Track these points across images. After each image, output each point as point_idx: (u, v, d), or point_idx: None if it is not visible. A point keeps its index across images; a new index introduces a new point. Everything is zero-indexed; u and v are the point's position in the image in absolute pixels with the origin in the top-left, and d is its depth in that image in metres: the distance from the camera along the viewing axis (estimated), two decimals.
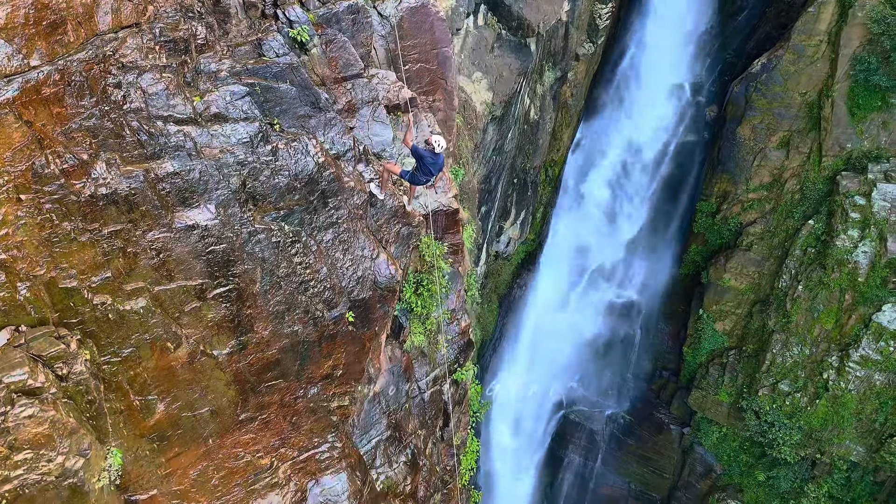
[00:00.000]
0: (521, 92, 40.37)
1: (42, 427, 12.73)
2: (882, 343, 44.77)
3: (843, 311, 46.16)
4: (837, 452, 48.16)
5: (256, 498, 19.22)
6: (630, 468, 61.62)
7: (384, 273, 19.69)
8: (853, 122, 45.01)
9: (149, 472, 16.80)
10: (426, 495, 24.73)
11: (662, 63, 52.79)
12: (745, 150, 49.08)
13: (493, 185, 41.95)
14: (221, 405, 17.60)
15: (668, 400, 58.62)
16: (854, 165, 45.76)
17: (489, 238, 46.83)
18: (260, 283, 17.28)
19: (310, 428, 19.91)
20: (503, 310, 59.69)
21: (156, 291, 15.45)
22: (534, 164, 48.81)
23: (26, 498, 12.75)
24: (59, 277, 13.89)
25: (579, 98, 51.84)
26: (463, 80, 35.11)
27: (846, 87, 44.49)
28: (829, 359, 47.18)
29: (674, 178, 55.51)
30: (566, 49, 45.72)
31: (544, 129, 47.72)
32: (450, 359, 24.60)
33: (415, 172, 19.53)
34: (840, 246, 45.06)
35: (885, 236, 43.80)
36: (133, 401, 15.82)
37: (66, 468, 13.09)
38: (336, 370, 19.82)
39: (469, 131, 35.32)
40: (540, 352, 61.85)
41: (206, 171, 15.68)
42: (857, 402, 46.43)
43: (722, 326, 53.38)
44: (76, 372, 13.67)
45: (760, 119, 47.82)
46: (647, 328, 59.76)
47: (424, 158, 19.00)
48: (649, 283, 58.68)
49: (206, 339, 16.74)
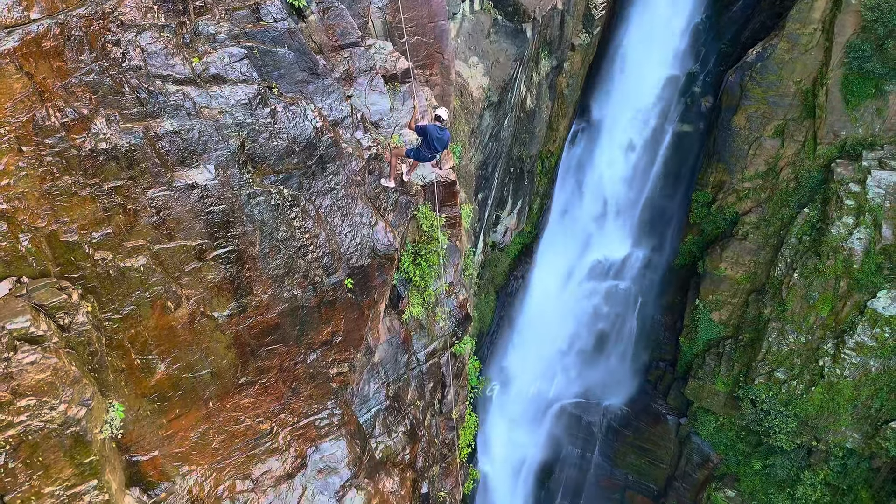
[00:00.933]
0: (518, 78, 40.54)
1: (44, 374, 12.84)
2: (877, 329, 44.96)
3: (839, 298, 46.35)
4: (833, 439, 48.35)
5: (257, 463, 19.34)
6: (627, 459, 61.83)
7: (382, 241, 19.82)
8: (847, 110, 45.23)
9: (150, 433, 16.91)
10: (425, 466, 24.87)
11: (657, 54, 53.01)
12: (741, 140, 49.27)
13: (490, 173, 42.09)
14: (221, 368, 17.72)
15: (664, 391, 58.83)
16: (848, 153, 45.98)
17: (486, 227, 46.97)
18: (259, 245, 17.40)
19: (309, 394, 20.03)
20: (500, 302, 59.80)
21: (156, 250, 15.57)
22: (530, 153, 48.96)
23: (30, 444, 12.86)
24: (60, 231, 14.01)
25: (575, 88, 52.03)
26: (460, 65, 35.28)
27: (840, 75, 44.71)
28: (825, 346, 47.37)
29: (669, 169, 55.70)
30: (562, 37, 45.92)
31: (540, 117, 47.90)
32: (448, 332, 24.74)
33: (419, 149, 19.83)
34: (835, 233, 45.27)
35: (880, 223, 44.01)
36: (134, 360, 15.94)
37: (68, 416, 13.19)
38: (335, 337, 19.93)
39: (466, 115, 35.49)
40: (537, 344, 61.96)
41: (206, 131, 15.81)
42: (853, 388, 46.64)
43: (718, 316, 53.57)
44: (78, 322, 13.78)
45: (755, 108, 48.01)
46: (644, 320, 59.94)
47: (430, 134, 19.29)
48: (646, 274, 58.86)
49: (206, 301, 16.85)
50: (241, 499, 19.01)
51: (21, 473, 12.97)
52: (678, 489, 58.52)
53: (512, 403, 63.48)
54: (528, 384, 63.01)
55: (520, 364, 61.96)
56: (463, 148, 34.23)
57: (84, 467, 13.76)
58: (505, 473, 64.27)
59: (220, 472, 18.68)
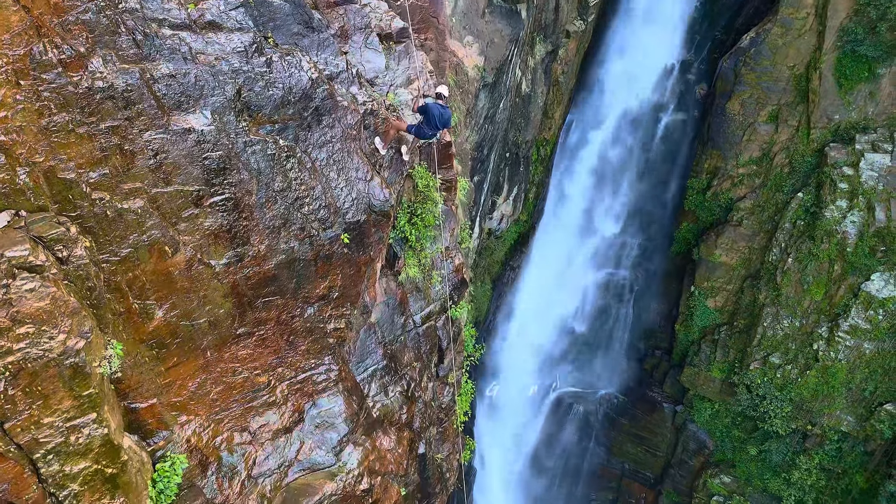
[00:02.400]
0: (513, 60, 40.71)
1: (43, 302, 12.96)
2: (871, 312, 45.18)
3: (833, 281, 46.56)
4: (828, 423, 48.51)
5: (254, 415, 19.47)
6: (624, 448, 61.97)
7: (378, 196, 20.00)
8: (841, 94, 45.48)
9: (148, 381, 17.02)
10: (422, 427, 25.01)
11: (652, 42, 53.23)
12: (735, 125, 49.50)
13: (486, 155, 42.24)
14: (219, 317, 17.85)
15: (660, 379, 59.02)
16: (842, 136, 46.20)
17: (482, 212, 47.10)
18: (256, 195, 17.57)
19: (306, 349, 20.17)
20: (496, 293, 59.94)
21: (153, 193, 15.71)
22: (526, 139, 49.14)
23: (29, 372, 12.98)
24: (57, 168, 14.13)
25: (570, 76, 52.22)
26: (455, 45, 35.39)
27: (833, 59, 44.96)
28: (819, 330, 47.57)
29: (664, 157, 55.96)
30: (556, 22, 46.14)
31: (536, 103, 48.09)
32: (444, 295, 24.92)
33: (421, 126, 20.25)
34: (829, 217, 45.49)
35: (873, 205, 44.25)
36: (132, 304, 16.06)
37: (67, 346, 13.32)
38: (332, 292, 20.10)
39: (462, 95, 35.63)
40: (533, 334, 62.14)
41: (202, 76, 15.98)
42: (847, 371, 46.83)
43: (713, 303, 53.74)
44: (76, 255, 13.91)
45: (749, 93, 48.25)
46: (640, 308, 60.16)
47: (431, 111, 19.85)
48: (641, 263, 59.09)
49: (204, 248, 17.00)
50: (240, 451, 19.14)
51: (20, 401, 13.09)
52: (674, 477, 58.68)
53: (507, 394, 63.63)
54: (524, 374, 63.16)
55: (516, 353, 62.10)
56: (459, 127, 34.39)
57: (83, 400, 13.88)
58: (501, 464, 64.39)
59: (218, 424, 18.81)
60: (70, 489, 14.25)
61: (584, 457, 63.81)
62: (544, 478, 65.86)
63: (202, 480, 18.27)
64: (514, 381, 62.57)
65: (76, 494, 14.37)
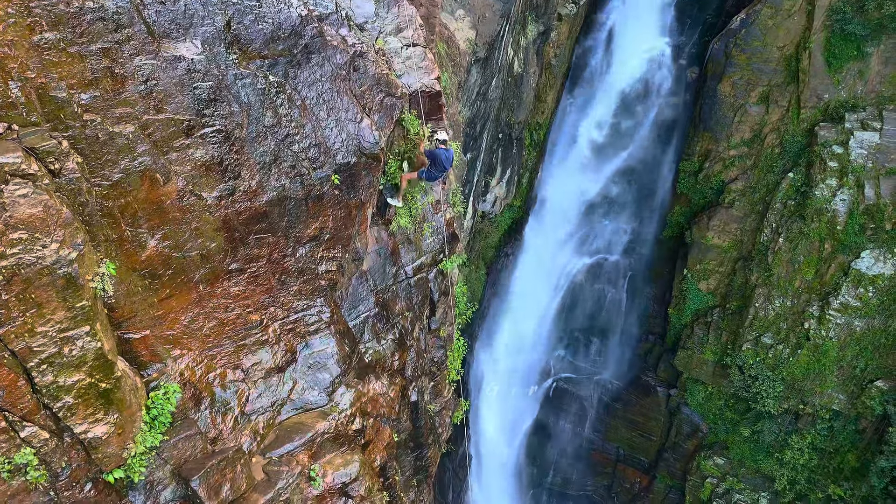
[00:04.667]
0: (504, 37, 41.06)
1: (36, 209, 13.20)
2: (861, 289, 45.52)
3: (823, 260, 46.90)
4: (820, 402, 48.80)
5: (247, 353, 19.70)
6: (619, 433, 62.22)
7: (368, 138, 20.25)
8: (830, 73, 45.89)
9: (142, 311, 17.25)
10: (414, 375, 25.26)
11: (643, 27, 53.69)
12: (726, 107, 49.88)
13: (479, 133, 42.55)
14: (211, 251, 18.09)
15: (654, 363, 59.34)
16: (832, 116, 46.60)
17: (476, 192, 47.39)
18: (246, 129, 17.83)
19: (298, 289, 20.41)
20: (491, 279, 60.20)
21: (144, 120, 15.95)
22: (518, 119, 49.45)
23: (23, 278, 13.21)
24: (49, 86, 14.36)
25: (563, 59, 52.57)
26: (446, 17, 35.79)
27: (823, 38, 45.38)
28: (810, 308, 47.90)
29: (657, 141, 56.30)
30: (548, 2, 46.53)
31: (528, 83, 48.42)
32: (435, 248, 25.18)
33: (429, 170, 22.63)
34: (819, 195, 45.85)
35: (863, 183, 44.62)
36: (125, 231, 16.29)
37: (60, 255, 13.55)
38: (323, 233, 20.34)
39: (454, 68, 35.95)
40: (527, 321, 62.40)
41: (192, 4, 16.24)
42: (838, 349, 47.17)
43: (706, 286, 54.05)
44: (69, 169, 14.15)
45: (740, 75, 48.63)
46: (633, 293, 60.44)
47: (439, 157, 22.30)
48: (635, 248, 59.38)
49: (195, 180, 17.25)
50: (232, 387, 19.37)
51: (14, 308, 13.32)
52: (668, 460, 58.93)
53: (503, 381, 63.85)
54: (518, 360, 63.39)
55: (510, 340, 62.34)
56: (450, 98, 34.68)
57: (76, 312, 14.11)
58: (495, 451, 64.55)
59: (211, 360, 19.05)
60: (64, 401, 14.47)
61: (579, 443, 64.05)
62: (539, 465, 66.06)
63: (196, 414, 18.51)
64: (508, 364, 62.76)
65: (70, 407, 14.59)
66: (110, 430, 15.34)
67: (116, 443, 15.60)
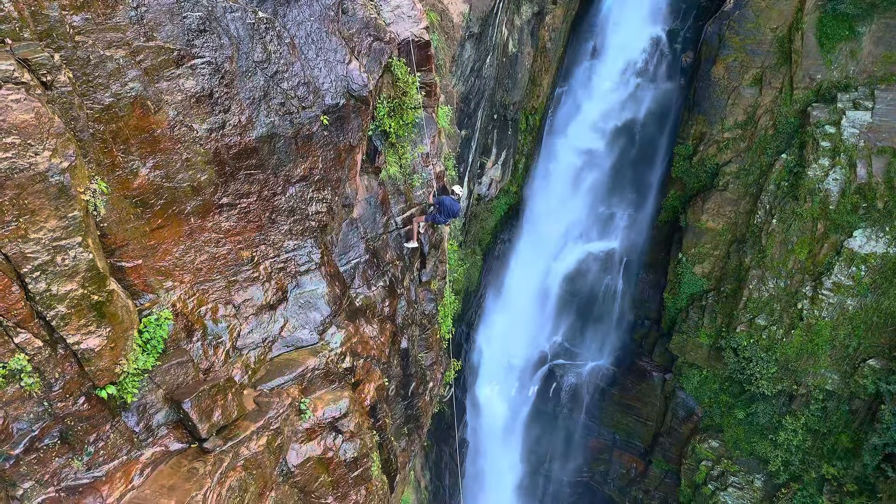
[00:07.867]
0: (498, 15, 41.56)
1: (29, 115, 13.56)
2: (853, 268, 45.88)
3: (816, 240, 47.28)
4: (813, 382, 49.14)
5: (238, 289, 20.05)
6: (615, 418, 62.56)
7: (357, 80, 20.68)
8: (822, 53, 46.32)
9: (134, 241, 17.58)
10: (404, 323, 25.61)
11: (638, 12, 54.16)
12: (720, 90, 50.34)
13: (473, 110, 43.00)
14: (201, 183, 18.46)
15: (650, 348, 59.68)
16: (824, 96, 47.03)
17: (472, 173, 47.81)
18: (236, 62, 18.24)
19: (289, 229, 20.78)
20: (487, 265, 60.60)
21: (135, 46, 16.35)
22: (513, 100, 49.93)
23: (16, 183, 13.56)
24: (42, 3, 14.79)
25: (558, 44, 53.07)
26: None
27: (815, 19, 45.84)
28: (804, 289, 48.28)
29: (652, 126, 56.75)
30: None
31: (522, 64, 48.90)
32: (424, 200, 25.56)
33: (436, 214, 25.14)
34: (811, 175, 46.28)
35: (855, 162, 45.04)
36: (117, 157, 16.66)
37: (52, 164, 13.90)
38: (313, 173, 20.73)
39: (447, 41, 36.41)
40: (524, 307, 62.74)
41: None
42: (831, 329, 47.55)
43: (701, 269, 54.43)
44: (61, 82, 14.53)
45: (734, 57, 49.10)
46: (629, 278, 60.84)
47: (445, 203, 25.01)
48: (630, 233, 59.80)
49: (186, 110, 17.64)
50: (224, 322, 19.71)
51: (8, 212, 13.67)
52: (664, 445, 59.24)
53: (499, 367, 64.19)
54: (515, 347, 63.73)
55: (507, 327, 62.72)
56: (443, 70, 35.11)
57: (68, 221, 14.45)
58: (492, 437, 64.86)
59: (203, 294, 19.39)
60: (57, 310, 14.80)
61: (575, 429, 64.37)
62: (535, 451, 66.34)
63: (188, 344, 18.83)
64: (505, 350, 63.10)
65: (63, 316, 14.92)
66: (103, 343, 15.67)
67: (109, 357, 15.93)
